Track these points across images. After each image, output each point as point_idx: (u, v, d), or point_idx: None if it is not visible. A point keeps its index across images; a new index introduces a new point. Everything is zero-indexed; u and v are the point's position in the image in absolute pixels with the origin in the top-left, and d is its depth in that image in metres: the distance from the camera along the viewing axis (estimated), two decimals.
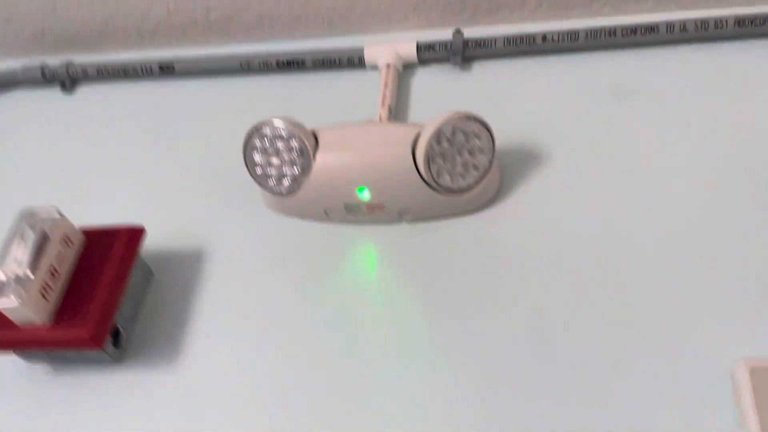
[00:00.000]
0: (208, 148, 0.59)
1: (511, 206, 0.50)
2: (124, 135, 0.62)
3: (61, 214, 0.45)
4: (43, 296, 0.43)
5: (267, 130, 0.48)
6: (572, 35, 0.56)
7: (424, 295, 0.46)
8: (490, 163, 0.47)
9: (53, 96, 0.68)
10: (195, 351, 0.47)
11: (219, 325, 0.48)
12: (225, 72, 0.64)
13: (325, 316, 0.47)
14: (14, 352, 0.46)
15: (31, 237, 0.43)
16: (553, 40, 0.56)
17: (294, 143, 0.48)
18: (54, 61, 0.68)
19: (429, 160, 0.46)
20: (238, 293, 0.49)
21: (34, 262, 0.42)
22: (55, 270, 0.44)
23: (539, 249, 0.47)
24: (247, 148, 0.49)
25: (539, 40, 0.57)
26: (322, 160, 0.48)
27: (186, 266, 0.51)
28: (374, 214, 0.49)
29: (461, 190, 0.48)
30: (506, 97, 0.56)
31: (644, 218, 0.47)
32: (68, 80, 0.67)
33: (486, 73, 0.59)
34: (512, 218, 0.49)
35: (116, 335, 0.46)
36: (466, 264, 0.47)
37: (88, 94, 0.67)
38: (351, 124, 0.50)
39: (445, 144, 0.46)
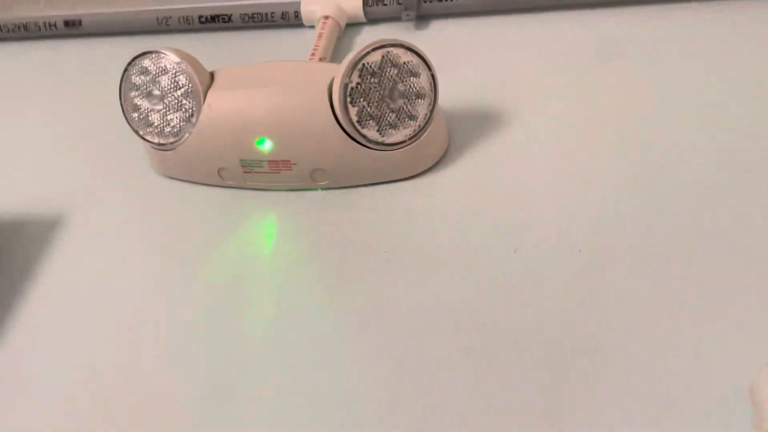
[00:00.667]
0: (107, 109, 0.48)
1: (454, 173, 0.38)
2: (18, 98, 0.52)
3: None
4: None
5: (148, 63, 0.38)
6: None
7: (334, 276, 0.34)
8: (430, 111, 0.36)
9: None
10: (26, 328, 0.34)
11: (64, 301, 0.35)
12: (142, 30, 0.54)
13: (203, 298, 0.34)
14: None
15: None
16: None
17: (181, 79, 0.37)
18: None
19: (347, 100, 0.35)
20: (94, 268, 0.37)
21: None
22: None
23: (481, 224, 0.35)
24: (124, 87, 0.38)
25: None
26: (211, 100, 0.37)
27: (37, 235, 0.39)
28: (279, 174, 0.37)
29: (392, 145, 0.36)
30: (466, 57, 0.45)
31: (621, 192, 0.35)
32: None
33: (444, 32, 0.48)
34: (453, 187, 0.37)
35: None
36: (392, 237, 0.35)
37: None
38: (257, 63, 0.39)
39: (370, 79, 0.35)
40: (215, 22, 0.52)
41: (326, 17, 0.48)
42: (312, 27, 0.50)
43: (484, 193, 0.37)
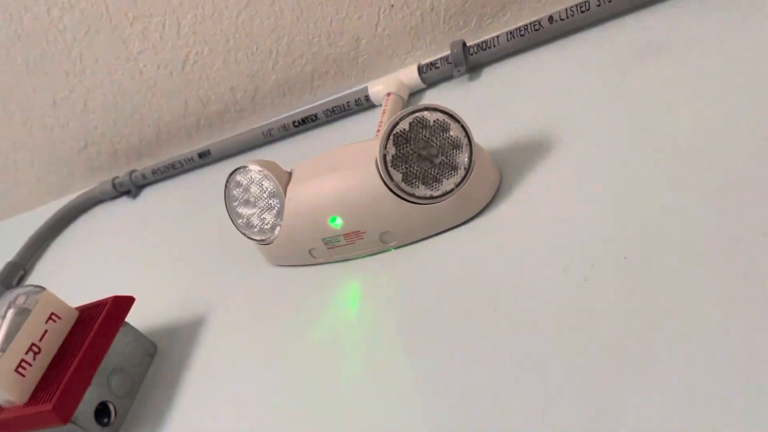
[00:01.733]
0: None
1: (507, 210, 0.40)
2: (175, 224, 0.64)
3: (45, 291, 0.45)
4: (19, 373, 0.42)
5: (240, 177, 0.45)
6: (581, 6, 0.47)
7: (411, 328, 0.38)
8: (470, 159, 0.39)
9: (123, 203, 0.72)
10: (189, 427, 0.42)
11: (213, 395, 0.43)
12: (253, 146, 0.64)
13: (306, 369, 0.40)
14: None
15: (11, 316, 0.43)
16: (561, 18, 0.48)
17: (266, 185, 0.44)
18: (122, 173, 0.73)
19: (388, 166, 0.39)
20: (230, 358, 0.44)
21: (7, 340, 0.42)
22: (36, 347, 0.43)
23: (534, 253, 0.36)
24: (228, 201, 0.47)
25: (546, 23, 0.48)
26: (290, 194, 0.43)
27: (190, 336, 0.48)
28: (355, 244, 0.43)
29: (440, 197, 0.40)
30: (517, 94, 0.48)
31: (666, 198, 0.35)
32: (132, 187, 0.71)
33: (495, 76, 0.51)
34: (509, 224, 0.39)
35: (105, 413, 0.44)
36: (460, 282, 0.38)
37: (149, 195, 0.71)
38: (324, 153, 0.46)
39: (405, 145, 0.39)
40: (306, 123, 0.60)
41: (388, 94, 0.54)
42: (381, 104, 0.56)
43: (540, 225, 0.38)
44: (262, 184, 0.45)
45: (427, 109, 0.39)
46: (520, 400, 0.30)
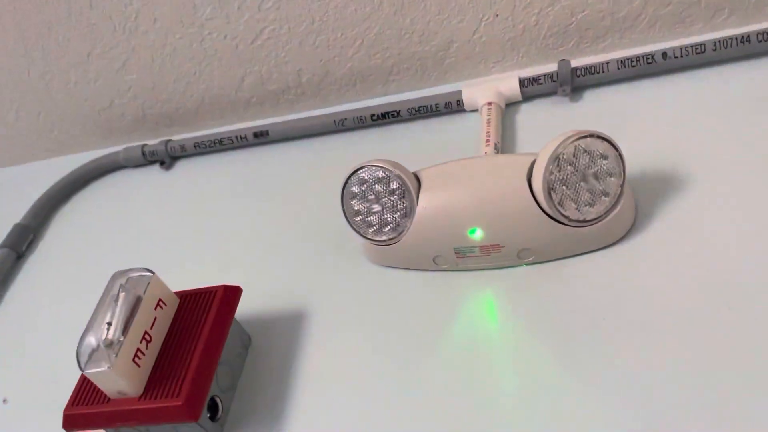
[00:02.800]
0: (305, 208, 0.56)
1: (649, 239, 0.42)
2: (222, 202, 0.61)
3: (154, 276, 0.42)
4: (136, 363, 0.39)
5: (364, 174, 0.44)
6: (697, 48, 0.50)
7: (555, 343, 0.39)
8: (621, 187, 0.41)
9: (153, 173, 0.68)
10: (299, 422, 0.41)
11: (324, 395, 0.42)
12: (320, 132, 0.62)
13: (441, 377, 0.40)
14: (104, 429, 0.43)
15: (124, 300, 0.40)
16: (674, 56, 0.50)
17: (394, 185, 0.44)
18: (153, 141, 0.69)
19: (549, 189, 0.40)
20: (342, 358, 0.44)
21: (126, 327, 0.39)
22: (149, 335, 0.40)
23: (686, 286, 0.39)
24: (345, 196, 0.45)
25: (659, 58, 0.51)
26: (425, 200, 0.43)
27: (286, 329, 0.47)
28: (489, 256, 0.43)
29: (589, 222, 0.41)
30: (627, 122, 0.50)
31: None
32: (167, 157, 0.67)
33: (599, 100, 0.53)
34: (651, 252, 0.41)
35: (213, 408, 0.42)
36: (600, 307, 0.40)
37: (186, 168, 0.67)
38: (455, 161, 0.46)
39: (568, 168, 0.40)
40: (386, 118, 0.59)
41: (489, 103, 0.54)
42: (473, 111, 0.57)
43: (676, 258, 0.41)
44: (390, 184, 0.44)
45: (591, 135, 0.40)
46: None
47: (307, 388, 0.43)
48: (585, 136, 0.40)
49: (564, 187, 0.40)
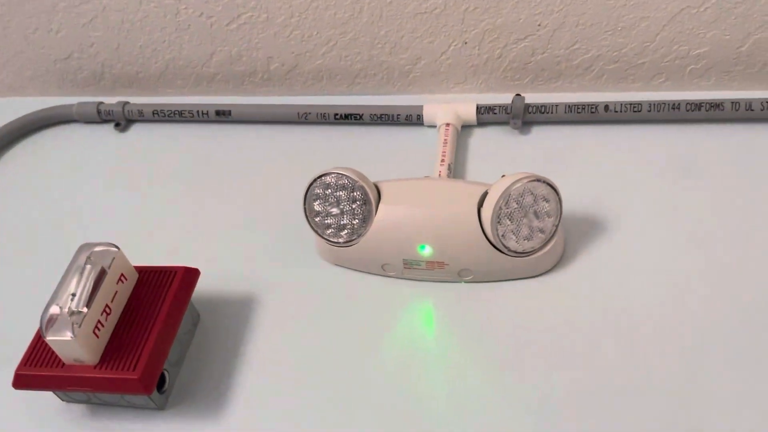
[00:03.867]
0: (262, 194, 0.58)
1: (572, 273, 0.48)
2: (178, 175, 0.62)
3: (119, 251, 0.44)
4: (95, 334, 0.41)
5: (330, 179, 0.48)
6: (635, 106, 0.56)
7: (482, 356, 0.45)
8: (556, 227, 0.47)
9: (107, 133, 0.68)
10: (239, 402, 0.45)
11: (266, 377, 0.46)
12: (282, 121, 0.64)
13: (378, 373, 0.45)
14: (54, 390, 0.44)
15: (89, 273, 0.42)
16: (615, 110, 0.56)
17: (357, 194, 0.47)
18: (109, 101, 0.68)
19: (497, 220, 0.45)
20: (287, 344, 0.47)
21: (90, 299, 0.41)
22: (109, 308, 0.43)
23: (598, 320, 0.45)
24: (308, 196, 0.49)
25: (601, 109, 0.57)
26: (384, 212, 0.47)
27: (234, 311, 0.50)
28: (434, 271, 0.48)
29: (525, 253, 0.47)
30: (565, 163, 0.56)
31: (710, 293, 0.45)
32: (123, 119, 0.67)
33: (545, 137, 0.58)
34: (573, 285, 0.48)
35: (161, 380, 0.44)
36: (525, 329, 0.45)
37: (141, 133, 0.68)
38: (415, 179, 0.50)
39: (514, 205, 0.45)
40: (348, 119, 0.62)
41: (448, 124, 0.58)
42: (431, 126, 0.61)
43: (597, 293, 0.47)
44: (353, 193, 0.48)
45: (539, 180, 0.45)
46: None
47: (249, 370, 0.46)
48: (534, 180, 0.45)
49: (508, 221, 0.45)
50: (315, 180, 0.48)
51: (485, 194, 0.46)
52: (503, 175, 0.46)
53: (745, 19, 0.54)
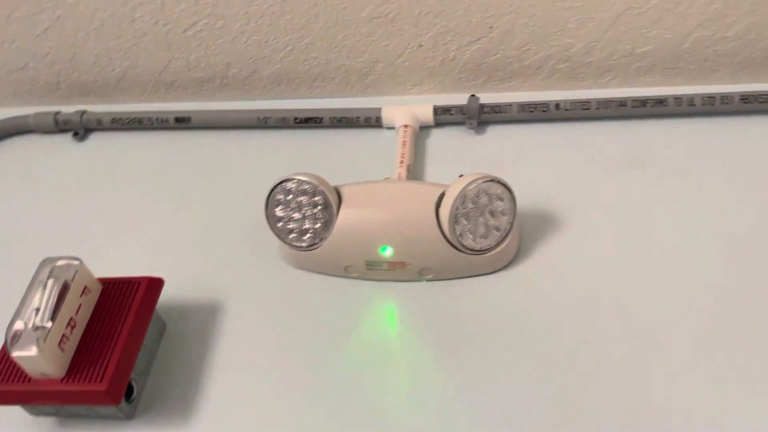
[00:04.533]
0: (224, 200, 0.59)
1: (528, 268, 0.50)
2: (139, 184, 0.62)
3: (82, 264, 0.44)
4: (61, 348, 0.41)
5: (291, 185, 0.49)
6: (584, 104, 0.58)
7: (443, 352, 0.46)
8: (511, 225, 0.48)
9: (65, 143, 0.68)
10: (208, 409, 0.45)
11: (233, 383, 0.46)
12: (242, 126, 0.65)
13: (343, 373, 0.46)
14: (21, 405, 0.45)
15: (53, 287, 0.42)
16: (565, 108, 0.58)
17: (318, 198, 0.48)
18: (67, 110, 0.68)
19: (454, 220, 0.47)
20: (253, 349, 0.48)
21: (54, 313, 0.41)
22: (74, 321, 0.43)
23: (555, 311, 0.47)
24: (270, 202, 0.49)
25: (552, 108, 0.59)
26: (345, 216, 0.48)
27: (200, 319, 0.50)
28: (395, 271, 0.49)
29: (482, 251, 0.48)
30: (520, 160, 0.58)
31: (657, 285, 0.47)
32: (81, 129, 0.67)
33: (500, 136, 0.60)
34: (529, 280, 0.49)
35: (129, 390, 0.45)
36: (484, 323, 0.47)
37: (100, 141, 0.67)
38: (374, 182, 0.51)
39: (470, 205, 0.47)
40: (308, 123, 0.63)
41: (406, 126, 0.60)
42: (389, 128, 0.62)
43: (547, 283, 0.49)
44: (314, 198, 0.49)
45: (493, 180, 0.47)
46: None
47: (216, 376, 0.47)
48: (488, 180, 0.47)
49: (465, 221, 0.47)
50: (276, 186, 0.49)
51: (443, 195, 0.48)
52: (461, 175, 0.48)
53: (685, 19, 0.56)
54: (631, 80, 0.61)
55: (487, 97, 0.61)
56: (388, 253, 0.48)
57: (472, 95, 0.60)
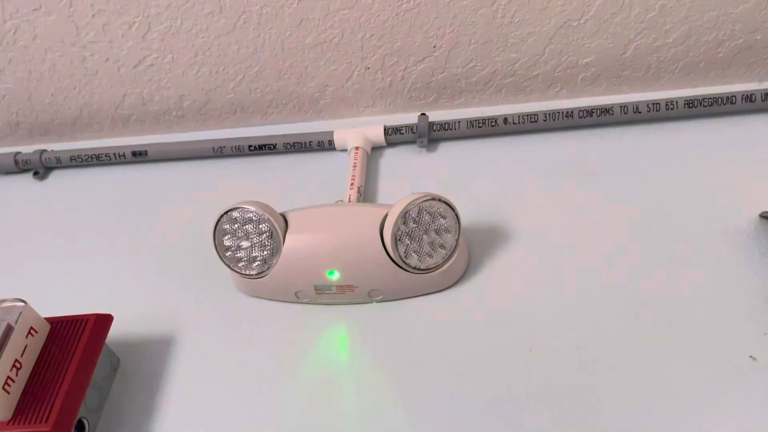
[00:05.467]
0: (180, 231, 0.59)
1: (478, 283, 0.50)
2: (96, 220, 0.63)
3: (26, 306, 0.45)
4: (5, 390, 0.41)
5: (236, 214, 0.49)
6: (531, 117, 0.59)
7: (395, 371, 0.46)
8: (456, 241, 0.48)
9: (25, 183, 0.68)
10: None
11: (189, 413, 0.46)
12: (199, 156, 0.65)
13: (298, 399, 0.46)
14: None
15: None
16: (513, 122, 0.59)
17: (263, 226, 0.49)
18: (27, 149, 0.69)
19: (396, 240, 0.47)
20: (208, 378, 0.48)
21: None
22: (19, 363, 0.43)
23: (505, 326, 0.47)
24: (217, 232, 0.50)
25: (501, 122, 0.59)
26: (291, 242, 0.48)
27: (154, 352, 0.50)
28: (344, 294, 0.49)
29: (429, 269, 0.49)
30: (471, 176, 0.58)
31: (608, 295, 0.48)
32: (41, 168, 0.68)
33: (450, 153, 0.61)
34: (479, 295, 0.50)
35: (80, 428, 0.45)
36: (435, 341, 0.47)
37: (60, 180, 0.68)
38: (319, 207, 0.51)
39: (412, 224, 0.47)
40: (262, 149, 0.63)
41: (357, 148, 0.60)
42: (343, 150, 0.63)
43: (502, 302, 0.49)
44: (259, 226, 0.49)
45: (433, 198, 0.47)
46: None
47: (172, 408, 0.47)
48: (429, 199, 0.47)
49: (408, 240, 0.47)
50: (222, 216, 0.49)
51: (387, 216, 0.48)
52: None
53: (623, 28, 0.57)
54: (578, 91, 0.62)
55: (439, 115, 0.62)
56: (335, 276, 0.48)
57: (422, 114, 0.61)
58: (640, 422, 0.41)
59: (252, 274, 0.50)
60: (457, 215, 0.48)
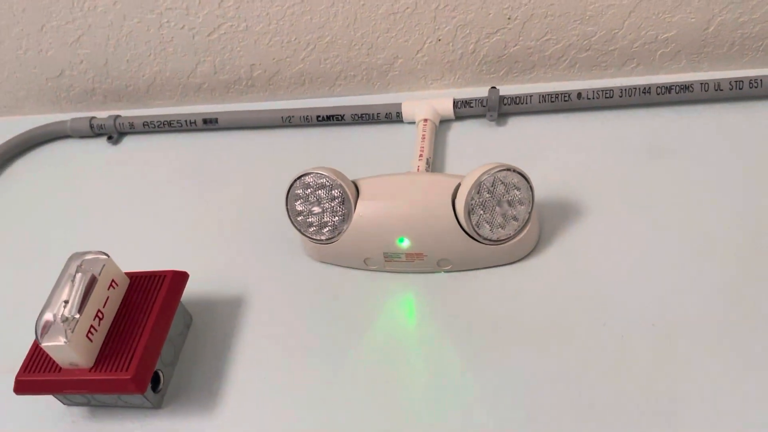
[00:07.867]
0: (249, 197, 0.60)
1: (549, 258, 0.50)
2: (168, 183, 0.64)
3: (108, 259, 0.46)
4: (89, 338, 0.43)
5: (309, 179, 0.49)
6: (607, 92, 0.57)
7: (462, 343, 0.46)
8: (529, 214, 0.48)
9: (100, 147, 0.70)
10: (233, 399, 0.46)
11: (257, 373, 0.47)
12: (267, 125, 0.66)
13: (364, 364, 0.46)
14: (53, 394, 0.46)
15: (81, 280, 0.44)
16: (587, 97, 0.58)
17: (335, 192, 0.49)
18: (102, 115, 0.71)
19: (469, 211, 0.47)
20: (276, 340, 0.49)
21: (82, 305, 0.43)
22: (101, 313, 0.45)
23: (576, 301, 0.46)
24: (290, 197, 0.50)
25: (574, 97, 0.58)
26: (362, 208, 0.49)
27: (225, 312, 0.52)
28: (413, 263, 0.50)
29: (500, 241, 0.48)
30: (542, 152, 0.57)
31: (681, 275, 0.46)
32: (115, 132, 0.70)
33: (521, 128, 0.60)
34: (549, 270, 0.49)
35: (156, 380, 0.46)
36: (504, 314, 0.47)
37: (133, 145, 0.70)
38: (391, 175, 0.51)
39: (486, 195, 0.47)
40: (330, 120, 0.64)
41: (425, 120, 0.60)
42: (410, 123, 0.62)
43: (575, 277, 0.48)
44: (332, 191, 0.49)
45: (508, 169, 0.47)
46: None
47: (241, 367, 0.48)
48: (503, 170, 0.47)
49: (481, 211, 0.47)
50: (295, 181, 0.50)
51: (459, 186, 0.48)
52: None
53: (708, 2, 0.55)
54: (656, 67, 0.60)
55: (509, 89, 0.61)
56: (405, 244, 0.49)
57: (493, 87, 0.60)
58: (713, 402, 0.40)
59: (322, 240, 0.51)
60: (531, 187, 0.47)
